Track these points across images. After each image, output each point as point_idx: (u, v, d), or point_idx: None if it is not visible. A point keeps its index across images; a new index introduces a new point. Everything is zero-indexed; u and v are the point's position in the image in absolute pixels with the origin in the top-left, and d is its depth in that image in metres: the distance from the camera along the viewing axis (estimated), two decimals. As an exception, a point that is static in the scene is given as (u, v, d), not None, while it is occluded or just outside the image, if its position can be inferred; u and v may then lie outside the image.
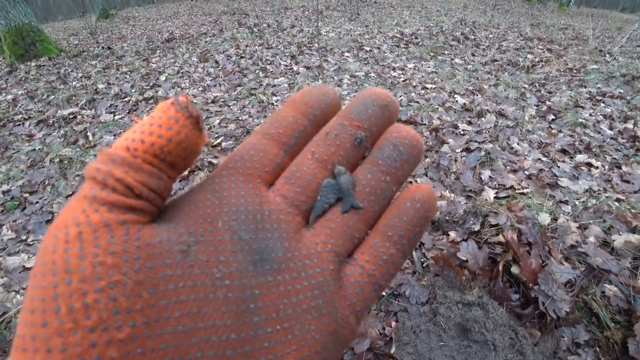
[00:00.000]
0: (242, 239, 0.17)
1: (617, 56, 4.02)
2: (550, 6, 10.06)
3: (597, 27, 5.92)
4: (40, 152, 2.28)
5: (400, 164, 0.20)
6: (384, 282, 0.19)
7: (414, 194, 0.20)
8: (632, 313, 1.11)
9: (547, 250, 1.29)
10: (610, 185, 1.74)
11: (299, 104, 0.21)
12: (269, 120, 0.21)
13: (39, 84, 3.51)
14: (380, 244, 0.19)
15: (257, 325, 0.15)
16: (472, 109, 2.54)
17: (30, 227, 1.69)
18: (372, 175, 0.20)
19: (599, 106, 2.64)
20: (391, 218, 0.19)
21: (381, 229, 0.19)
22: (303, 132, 0.21)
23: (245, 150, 0.20)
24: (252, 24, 6.00)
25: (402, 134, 0.20)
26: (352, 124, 0.21)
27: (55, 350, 0.12)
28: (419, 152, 0.20)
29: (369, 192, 0.20)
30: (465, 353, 1.08)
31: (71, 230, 0.14)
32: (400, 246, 0.19)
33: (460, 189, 1.73)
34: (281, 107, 0.22)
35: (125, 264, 0.14)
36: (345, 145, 0.20)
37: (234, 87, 3.16)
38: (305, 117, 0.21)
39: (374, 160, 0.20)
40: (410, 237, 0.19)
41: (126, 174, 0.15)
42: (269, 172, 0.20)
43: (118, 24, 7.77)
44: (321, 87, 0.22)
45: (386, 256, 0.19)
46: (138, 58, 4.21)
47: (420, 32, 4.93)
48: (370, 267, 0.19)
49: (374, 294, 0.19)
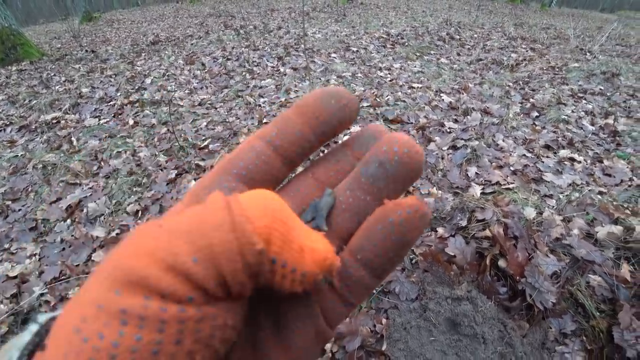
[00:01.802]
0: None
1: (598, 54, 4.13)
2: (533, 6, 10.27)
3: (578, 26, 6.07)
4: (23, 158, 2.23)
5: (385, 184, 0.18)
6: (355, 300, 0.18)
7: (388, 216, 0.17)
8: (616, 302, 1.13)
9: (533, 244, 1.31)
10: (593, 179, 1.78)
11: (311, 115, 0.20)
12: (277, 126, 0.20)
13: (21, 88, 3.43)
14: (349, 264, 0.18)
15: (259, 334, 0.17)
16: (458, 108, 2.57)
17: (13, 235, 1.65)
18: (351, 192, 0.19)
19: (581, 103, 2.70)
20: (361, 239, 0.18)
21: (352, 248, 0.18)
22: (307, 148, 0.20)
23: (250, 157, 0.19)
24: (239, 25, 5.97)
25: (393, 149, 0.18)
26: (354, 155, 0.21)
27: None
28: (411, 171, 0.18)
29: (344, 209, 0.19)
30: (456, 347, 1.10)
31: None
32: (370, 270, 0.18)
33: (448, 186, 1.75)
34: (291, 111, 0.20)
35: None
36: (346, 170, 0.21)
37: (220, 89, 3.14)
38: (313, 132, 0.20)
39: (357, 176, 0.19)
40: (383, 262, 0.18)
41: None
42: (268, 183, 0.20)
43: (102, 27, 7.64)
44: (339, 96, 0.20)
45: (356, 278, 0.18)
46: (123, 61, 4.15)
47: (406, 32, 4.98)
48: (339, 285, 0.18)
49: (346, 310, 0.19)
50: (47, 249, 1.56)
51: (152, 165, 2.04)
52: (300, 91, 2.93)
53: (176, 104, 2.83)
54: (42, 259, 1.52)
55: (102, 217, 1.72)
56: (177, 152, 2.14)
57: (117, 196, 1.83)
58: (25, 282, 1.40)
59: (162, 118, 2.60)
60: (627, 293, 1.16)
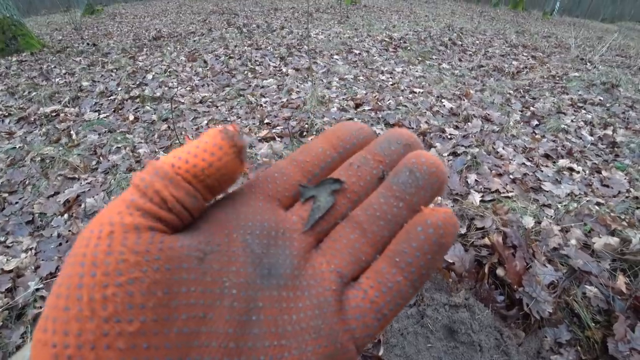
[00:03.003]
0: (254, 252, 0.18)
1: (598, 64, 4.16)
2: (535, 14, 10.33)
3: (579, 36, 6.11)
4: (21, 151, 2.21)
5: (416, 190, 0.19)
6: (388, 311, 0.18)
7: (427, 218, 0.18)
8: (612, 313, 1.14)
9: (531, 253, 1.32)
10: (591, 190, 1.79)
11: (332, 137, 0.22)
12: (301, 148, 0.22)
13: (20, 79, 3.41)
14: (386, 270, 0.18)
15: (257, 337, 0.16)
16: (458, 114, 2.58)
17: (9, 229, 1.64)
18: (385, 199, 0.20)
19: (580, 112, 2.72)
20: (399, 243, 0.18)
21: (389, 254, 0.19)
22: (330, 163, 0.22)
23: (271, 173, 0.21)
24: (242, 24, 5.96)
25: (421, 160, 0.19)
26: (375, 158, 0.21)
27: (71, 333, 0.13)
28: (438, 180, 0.19)
29: (379, 216, 0.19)
30: (452, 354, 1.10)
31: (105, 228, 0.15)
32: (408, 274, 0.18)
33: (447, 193, 1.75)
34: (316, 138, 0.23)
35: (146, 264, 0.14)
36: (366, 177, 0.21)
37: (222, 87, 3.14)
38: (334, 149, 0.22)
39: (388, 185, 0.20)
40: (420, 265, 0.18)
41: (165, 188, 0.16)
42: (289, 197, 0.21)
43: (104, 20, 7.61)
44: (358, 124, 0.23)
45: (391, 283, 0.18)
46: (124, 56, 4.13)
47: (408, 36, 5.00)
48: (373, 293, 0.18)
49: (377, 324, 0.18)
50: (44, 243, 1.55)
51: (152, 162, 2.03)
52: (302, 92, 2.93)
53: (177, 101, 2.83)
54: (39, 253, 1.51)
55: (100, 212, 1.71)
56: (177, 150, 2.13)
57: (115, 192, 1.82)
58: (21, 276, 1.39)
59: (162, 115, 2.59)
60: (623, 305, 1.16)
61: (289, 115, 2.51)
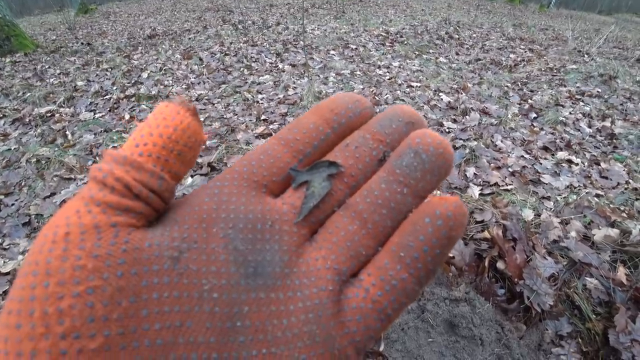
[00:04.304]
0: (237, 249, 0.16)
1: (595, 57, 4.15)
2: (532, 7, 10.29)
3: (576, 28, 6.08)
4: (16, 152, 2.19)
5: (422, 174, 0.17)
6: (392, 311, 0.16)
7: (436, 208, 0.16)
8: (612, 305, 1.14)
9: (531, 246, 1.31)
10: (590, 182, 1.79)
11: (324, 110, 0.20)
12: (288, 125, 0.20)
13: (14, 80, 3.37)
14: (390, 265, 0.16)
15: (242, 346, 0.14)
16: (456, 107, 2.57)
17: (5, 231, 1.62)
18: (387, 185, 0.17)
19: (579, 105, 2.71)
20: (405, 236, 0.16)
21: (393, 247, 0.17)
22: (323, 141, 0.19)
23: (256, 155, 0.19)
24: (237, 20, 5.92)
25: (427, 140, 0.17)
26: (375, 137, 0.19)
27: (25, 354, 0.11)
28: (445, 162, 0.17)
29: (381, 204, 0.17)
30: (454, 349, 1.09)
31: (60, 230, 0.13)
32: (413, 270, 0.16)
33: (446, 186, 1.75)
34: (307, 112, 0.20)
35: (107, 269, 0.13)
36: (365, 158, 0.19)
37: (218, 84, 3.11)
38: (327, 124, 0.19)
39: (390, 169, 0.18)
40: (427, 261, 0.16)
41: (126, 173, 0.15)
42: (278, 182, 0.19)
43: (98, 19, 7.54)
44: (353, 95, 0.20)
45: (396, 281, 0.16)
46: (119, 55, 4.10)
47: (405, 30, 4.97)
48: (375, 292, 0.16)
49: (380, 325, 0.16)
50: (41, 244, 1.54)
51: (149, 161, 2.01)
52: (299, 88, 2.91)
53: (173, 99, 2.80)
54: (36, 255, 1.50)
55: (97, 213, 1.70)
56: (174, 148, 2.11)
57: (112, 192, 1.81)
58: (18, 278, 1.38)
59: (158, 113, 2.57)
60: (623, 296, 1.16)
61: (285, 112, 2.50)
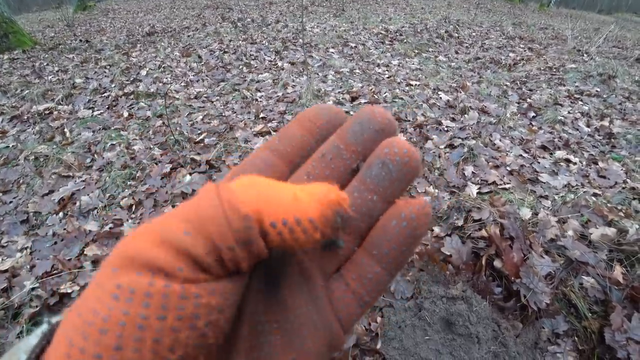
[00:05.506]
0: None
1: (594, 56, 4.15)
2: (531, 6, 10.27)
3: (576, 27, 6.08)
4: (14, 150, 2.18)
5: (389, 183, 0.19)
6: (370, 299, 0.19)
7: (401, 211, 0.19)
8: (608, 303, 1.15)
9: (528, 244, 1.31)
10: (588, 181, 1.79)
11: (307, 122, 0.22)
12: (277, 136, 0.22)
13: (12, 77, 3.36)
14: (365, 262, 0.19)
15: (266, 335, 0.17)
16: (455, 106, 2.57)
17: (4, 228, 1.62)
18: (359, 193, 0.20)
19: (577, 104, 2.71)
20: (375, 236, 0.19)
21: (367, 246, 0.20)
22: (309, 151, 0.21)
23: (257, 164, 0.21)
24: (236, 18, 5.90)
25: (394, 150, 0.19)
26: (348, 148, 0.21)
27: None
28: (411, 170, 0.19)
29: (355, 210, 0.20)
30: (450, 346, 1.10)
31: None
32: (385, 265, 0.19)
33: (444, 185, 1.75)
34: (289, 123, 0.22)
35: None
36: (340, 168, 0.21)
37: (217, 82, 3.11)
38: (312, 136, 0.22)
39: (362, 179, 0.20)
40: (396, 256, 0.19)
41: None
42: None
43: (96, 16, 7.51)
44: (331, 107, 0.22)
45: (371, 275, 0.19)
46: (118, 52, 4.08)
47: (404, 29, 4.96)
48: (355, 285, 0.19)
49: (360, 310, 0.19)
50: (39, 242, 1.54)
51: (147, 158, 2.01)
52: (298, 86, 2.91)
53: (172, 97, 2.80)
54: (34, 252, 1.50)
55: (95, 210, 1.70)
56: (172, 146, 2.11)
57: (110, 190, 1.81)
58: (16, 276, 1.38)
59: (157, 111, 2.56)
60: (619, 295, 1.17)
61: (284, 110, 2.50)
